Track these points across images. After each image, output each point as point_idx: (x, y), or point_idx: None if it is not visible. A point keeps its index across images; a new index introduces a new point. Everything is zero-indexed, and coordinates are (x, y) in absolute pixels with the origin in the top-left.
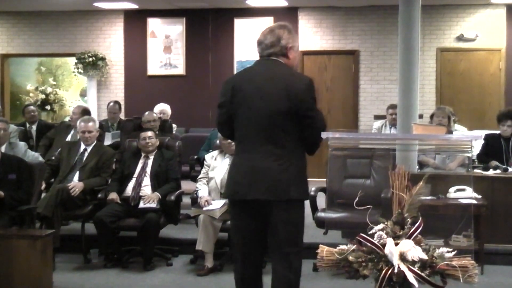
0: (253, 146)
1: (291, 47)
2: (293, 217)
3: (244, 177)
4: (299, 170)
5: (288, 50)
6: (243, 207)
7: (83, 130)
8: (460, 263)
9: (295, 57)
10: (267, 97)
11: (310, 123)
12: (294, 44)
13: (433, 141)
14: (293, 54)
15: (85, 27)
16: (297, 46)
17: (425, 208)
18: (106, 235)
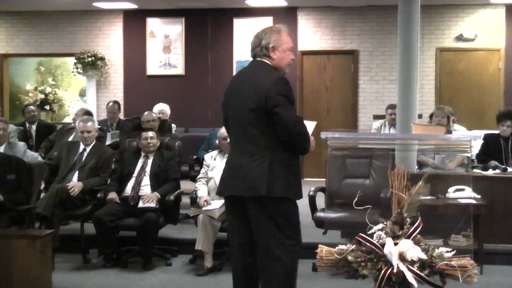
0: (234, 145)
1: (273, 47)
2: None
3: (225, 175)
4: (273, 166)
5: (269, 50)
6: (228, 204)
7: (82, 130)
8: (459, 263)
9: (280, 57)
10: (241, 96)
11: (277, 120)
12: (276, 44)
13: (433, 141)
14: (277, 54)
15: (85, 27)
16: (284, 46)
17: (424, 208)
18: (105, 235)
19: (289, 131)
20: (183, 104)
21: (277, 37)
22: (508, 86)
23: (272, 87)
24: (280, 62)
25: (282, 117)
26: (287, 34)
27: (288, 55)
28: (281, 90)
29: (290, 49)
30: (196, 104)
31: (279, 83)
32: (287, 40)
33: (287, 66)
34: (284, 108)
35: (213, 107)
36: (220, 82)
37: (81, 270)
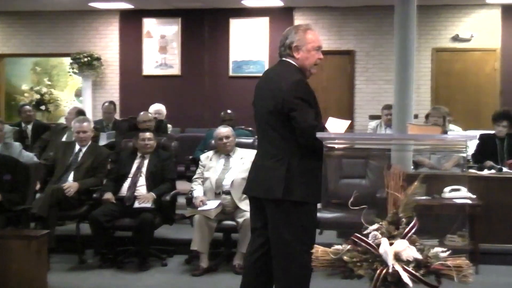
0: (258, 145)
1: (296, 46)
2: (282, 217)
3: (249, 175)
4: (291, 169)
5: (292, 50)
6: (251, 203)
7: (78, 130)
8: (454, 263)
9: (304, 57)
10: (262, 97)
11: (294, 123)
12: (300, 43)
13: (428, 141)
14: (301, 54)
15: (81, 27)
16: (308, 45)
17: (420, 208)
18: (101, 235)
19: (306, 135)
20: (179, 105)
21: (301, 36)
22: (504, 86)
23: (290, 90)
24: (304, 62)
25: (299, 121)
26: (314, 33)
27: (314, 55)
28: (299, 93)
29: (315, 49)
30: (192, 104)
31: (296, 86)
32: (312, 39)
33: (313, 66)
34: (301, 112)
35: (210, 108)
36: (217, 83)
37: (77, 270)
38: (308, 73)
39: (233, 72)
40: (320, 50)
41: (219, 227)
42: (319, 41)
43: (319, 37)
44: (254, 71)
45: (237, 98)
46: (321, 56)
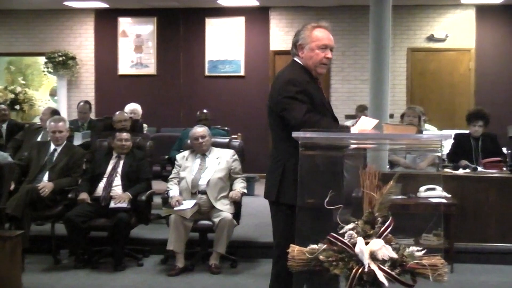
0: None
1: (300, 45)
2: (275, 220)
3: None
4: (286, 172)
5: (298, 48)
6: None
7: (53, 130)
8: (430, 262)
9: (308, 56)
10: (268, 98)
11: (287, 123)
12: (304, 41)
13: (404, 140)
14: (304, 53)
15: (55, 26)
16: (312, 44)
17: (395, 207)
18: (76, 235)
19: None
20: (155, 104)
21: (306, 34)
22: (478, 86)
23: (280, 90)
24: (308, 62)
25: (288, 119)
26: (323, 31)
27: (318, 54)
28: (288, 93)
29: (321, 47)
30: (168, 104)
31: (286, 86)
32: (318, 37)
33: (320, 65)
34: (289, 110)
35: (185, 107)
36: (192, 82)
37: (51, 271)
38: (314, 73)
39: (209, 71)
40: (329, 49)
41: (195, 227)
42: (326, 40)
43: (328, 35)
44: (230, 71)
45: (213, 98)
46: (328, 55)
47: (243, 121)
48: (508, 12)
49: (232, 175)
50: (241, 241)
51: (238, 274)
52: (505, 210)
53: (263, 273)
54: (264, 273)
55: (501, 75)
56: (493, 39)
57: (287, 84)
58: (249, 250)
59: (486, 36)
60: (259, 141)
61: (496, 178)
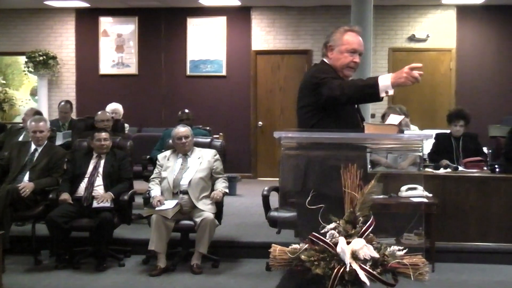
0: None
1: (330, 46)
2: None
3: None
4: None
5: (327, 49)
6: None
7: (34, 130)
8: (411, 261)
9: (336, 58)
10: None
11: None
12: (335, 43)
13: (385, 140)
14: (334, 54)
15: (36, 25)
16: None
17: (376, 206)
18: (59, 236)
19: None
20: (136, 104)
21: (338, 36)
22: (459, 86)
23: (309, 79)
24: (336, 63)
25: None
26: (354, 35)
27: (346, 57)
28: (317, 79)
29: (350, 51)
30: (149, 103)
31: (315, 73)
32: (348, 41)
33: (347, 68)
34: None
35: (167, 107)
36: (174, 82)
37: (32, 271)
38: (341, 74)
39: (191, 71)
40: (357, 54)
41: (176, 227)
42: (355, 44)
43: (358, 40)
44: (211, 71)
45: (194, 98)
46: (356, 60)
47: (224, 121)
48: (489, 12)
49: (214, 175)
50: (223, 241)
51: (220, 274)
52: (486, 210)
53: (245, 273)
54: (246, 273)
55: (482, 75)
56: (474, 39)
57: (315, 73)
58: (231, 250)
59: (467, 36)
60: (240, 141)
61: (477, 178)
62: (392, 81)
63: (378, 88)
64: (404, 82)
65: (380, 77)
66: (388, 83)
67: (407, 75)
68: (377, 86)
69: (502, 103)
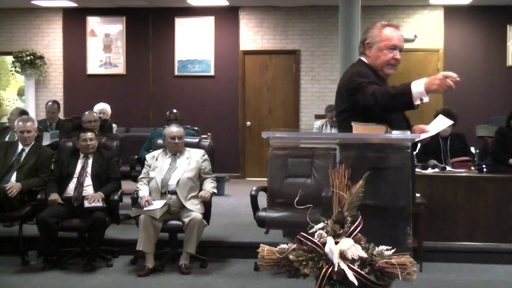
0: None
1: (368, 43)
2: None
3: None
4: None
5: (365, 47)
6: None
7: (21, 130)
8: (399, 261)
9: (375, 56)
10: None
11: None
12: (372, 40)
13: (373, 140)
14: (372, 52)
15: (23, 25)
16: (381, 43)
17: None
18: (49, 237)
19: (377, 104)
20: (124, 104)
21: (375, 32)
22: None
23: (346, 83)
24: (375, 61)
25: (361, 101)
26: (393, 30)
27: (386, 54)
28: (353, 83)
29: (389, 47)
30: (137, 103)
31: (352, 77)
32: (387, 36)
33: (387, 66)
34: (359, 93)
35: (155, 107)
36: (162, 82)
37: (19, 272)
38: (381, 73)
39: (179, 71)
40: (398, 50)
41: (164, 227)
42: (395, 40)
43: (398, 35)
44: (199, 71)
45: (182, 98)
46: (397, 56)
47: (212, 121)
48: (476, 12)
49: (202, 175)
50: (211, 241)
51: (208, 274)
52: (473, 209)
53: (233, 273)
54: (234, 273)
55: (469, 75)
56: (461, 39)
57: (353, 76)
58: (219, 250)
59: (454, 37)
60: (228, 141)
61: (464, 178)
62: (425, 87)
63: (411, 96)
64: (437, 89)
65: (413, 83)
66: (422, 89)
67: (440, 83)
68: (410, 93)
69: (489, 103)
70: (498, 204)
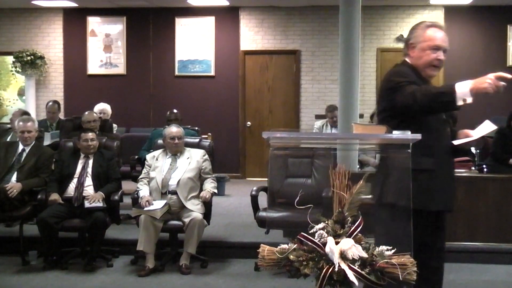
0: None
1: (411, 44)
2: (380, 220)
3: None
4: (389, 171)
5: (408, 47)
6: None
7: (22, 130)
8: (399, 261)
9: (417, 56)
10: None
11: (396, 106)
12: (416, 40)
13: (373, 140)
14: (415, 52)
15: (23, 25)
16: (423, 44)
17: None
18: (49, 237)
19: (415, 105)
20: (124, 104)
21: (419, 33)
22: None
23: (385, 83)
24: (418, 62)
25: (398, 102)
26: (437, 30)
27: (429, 54)
28: (393, 83)
29: (432, 48)
30: (137, 103)
31: (391, 77)
32: (430, 37)
33: (430, 67)
34: (398, 94)
35: (155, 107)
36: (162, 82)
37: (20, 272)
38: (424, 74)
39: (179, 71)
40: (441, 51)
41: (165, 227)
42: (439, 40)
43: (442, 35)
44: (199, 71)
45: (182, 98)
46: (440, 57)
47: (213, 121)
48: (476, 13)
49: (203, 175)
50: (211, 241)
51: (209, 274)
52: (473, 209)
53: (234, 273)
54: (235, 273)
55: (469, 75)
56: (461, 39)
57: (392, 76)
58: (219, 250)
59: (454, 37)
60: (229, 141)
61: (465, 178)
62: (471, 87)
63: (455, 95)
64: (486, 89)
65: (457, 84)
66: (467, 90)
67: (491, 83)
68: (454, 93)
69: (489, 103)
70: (498, 204)
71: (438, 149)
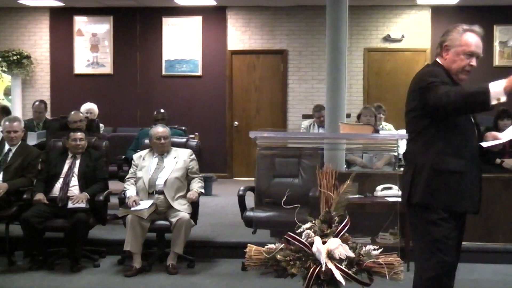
0: None
1: (446, 46)
2: (411, 222)
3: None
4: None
5: (442, 49)
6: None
7: (8, 130)
8: (386, 260)
9: (451, 60)
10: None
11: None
12: (451, 43)
13: (360, 140)
14: (449, 55)
15: (9, 24)
16: (459, 48)
17: (352, 206)
18: (33, 237)
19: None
20: (111, 104)
21: (455, 36)
22: None
23: (417, 82)
24: (451, 65)
25: (429, 99)
26: (474, 37)
27: (462, 60)
28: (425, 82)
29: (467, 53)
30: (124, 103)
31: (423, 77)
32: (467, 42)
33: (462, 72)
34: (430, 92)
35: (142, 107)
36: (149, 82)
37: (6, 272)
38: (455, 77)
39: (166, 71)
40: (475, 57)
41: (152, 227)
42: (474, 46)
43: (478, 42)
44: (186, 70)
45: (169, 97)
46: (473, 63)
47: (200, 121)
48: (463, 13)
49: (190, 174)
50: (199, 241)
51: (196, 274)
52: None
53: (221, 273)
54: (222, 273)
55: None
56: None
57: (424, 75)
58: (206, 250)
59: None
60: (216, 141)
61: None
62: (505, 86)
63: (489, 95)
64: None
65: (490, 83)
66: (501, 89)
67: None
68: (488, 92)
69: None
70: (485, 203)
71: (467, 151)
